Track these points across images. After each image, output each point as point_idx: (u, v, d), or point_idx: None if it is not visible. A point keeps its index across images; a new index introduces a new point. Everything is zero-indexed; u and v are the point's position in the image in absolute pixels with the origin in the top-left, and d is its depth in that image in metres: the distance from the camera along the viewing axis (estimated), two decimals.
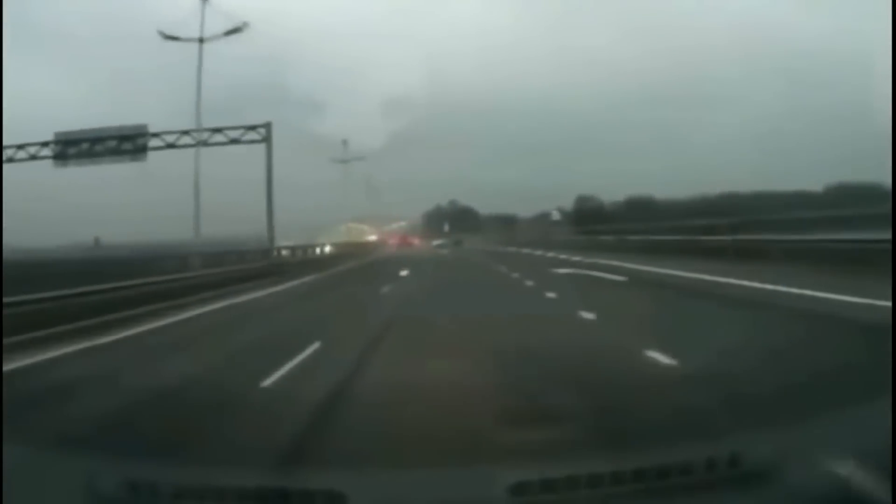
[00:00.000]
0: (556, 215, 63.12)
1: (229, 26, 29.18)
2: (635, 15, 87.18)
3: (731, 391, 5.31)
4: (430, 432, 4.64)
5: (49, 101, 51.96)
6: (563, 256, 31.44)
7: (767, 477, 2.84)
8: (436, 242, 70.06)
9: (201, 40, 28.99)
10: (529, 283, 17.91)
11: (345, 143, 56.40)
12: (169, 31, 29.17)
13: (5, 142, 29.11)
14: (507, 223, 74.72)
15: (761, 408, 4.78)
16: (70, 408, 5.98)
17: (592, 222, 55.01)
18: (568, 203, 70.14)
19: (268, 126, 32.82)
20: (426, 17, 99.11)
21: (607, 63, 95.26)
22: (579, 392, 5.57)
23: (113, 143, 31.15)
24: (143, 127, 31.22)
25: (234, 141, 32.20)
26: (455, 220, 79.88)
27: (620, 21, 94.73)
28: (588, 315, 10.47)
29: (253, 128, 32.66)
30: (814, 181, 49.51)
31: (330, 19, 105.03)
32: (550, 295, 14.28)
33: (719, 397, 5.14)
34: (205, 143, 30.80)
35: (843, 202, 37.27)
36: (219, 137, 32.14)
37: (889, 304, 8.33)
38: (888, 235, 13.98)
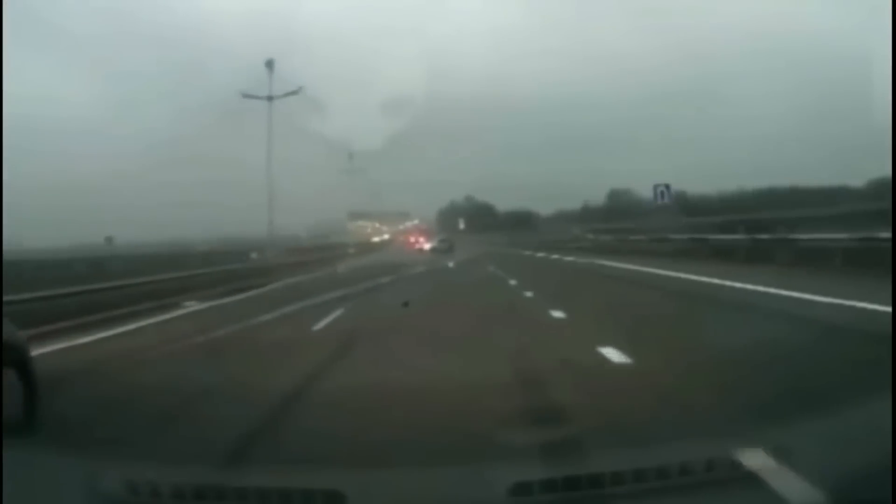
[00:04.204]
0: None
1: None
2: (653, 10, 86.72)
3: None
4: None
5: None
6: None
7: (767, 477, 3.00)
8: (429, 245, 55.19)
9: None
10: None
11: (269, 64, 41.32)
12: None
13: None
14: (526, 221, 73.29)
15: None
16: None
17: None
18: (598, 199, 69.60)
19: None
20: (435, 12, 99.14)
21: (629, 58, 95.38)
22: None
23: None
24: None
25: None
26: (471, 216, 79.11)
27: (639, 17, 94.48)
28: None
29: None
30: (855, 175, 48.70)
31: (335, 17, 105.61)
32: None
33: None
34: None
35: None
36: None
37: None
38: None
